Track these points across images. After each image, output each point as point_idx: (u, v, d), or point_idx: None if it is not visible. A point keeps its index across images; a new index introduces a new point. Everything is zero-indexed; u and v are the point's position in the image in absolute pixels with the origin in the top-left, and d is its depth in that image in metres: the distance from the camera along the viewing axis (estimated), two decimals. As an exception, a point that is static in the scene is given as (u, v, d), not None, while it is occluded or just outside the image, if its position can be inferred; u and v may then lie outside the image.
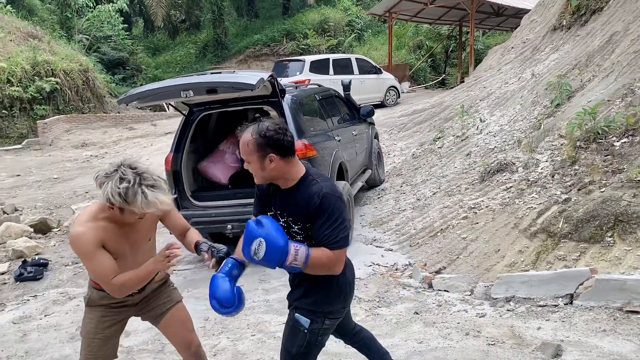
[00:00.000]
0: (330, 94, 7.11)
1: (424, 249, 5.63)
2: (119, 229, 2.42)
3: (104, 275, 2.37)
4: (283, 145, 2.11)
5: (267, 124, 2.12)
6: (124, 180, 2.23)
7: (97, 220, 2.37)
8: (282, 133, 2.11)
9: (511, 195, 5.66)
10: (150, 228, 2.62)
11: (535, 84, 8.01)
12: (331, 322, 2.35)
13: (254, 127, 2.13)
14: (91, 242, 2.32)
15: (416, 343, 3.52)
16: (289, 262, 2.09)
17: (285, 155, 2.13)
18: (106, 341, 2.61)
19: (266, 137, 2.08)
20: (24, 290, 5.49)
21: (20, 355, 4.06)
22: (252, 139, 2.10)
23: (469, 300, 4.17)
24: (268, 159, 2.10)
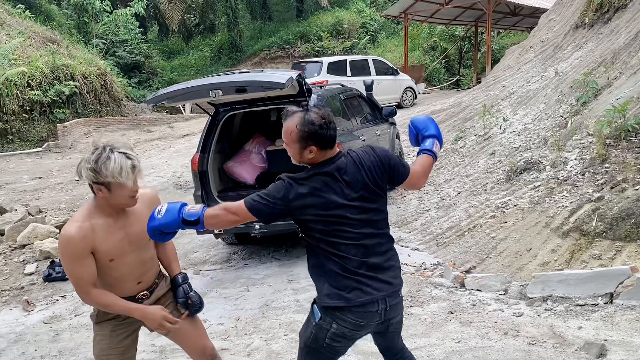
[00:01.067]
0: (353, 93, 7.09)
1: (452, 249, 5.58)
2: (115, 223, 2.34)
3: (79, 282, 2.29)
4: (325, 138, 2.11)
5: (313, 116, 2.10)
6: (94, 153, 2.21)
7: (92, 218, 2.30)
8: (326, 127, 2.10)
9: (540, 194, 5.59)
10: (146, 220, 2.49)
11: (559, 82, 7.92)
12: (340, 329, 2.14)
13: (300, 117, 2.11)
14: (78, 249, 2.25)
15: (454, 343, 3.48)
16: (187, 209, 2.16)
17: (324, 147, 2.12)
18: (122, 356, 2.51)
19: (311, 131, 2.08)
20: (52, 291, 5.53)
21: (54, 354, 4.08)
22: (296, 130, 2.09)
23: (504, 299, 4.11)
24: (308, 150, 2.11)
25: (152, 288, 2.56)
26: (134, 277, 2.47)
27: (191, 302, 2.50)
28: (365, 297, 2.10)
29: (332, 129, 2.13)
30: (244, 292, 4.96)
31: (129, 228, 2.39)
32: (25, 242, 6.58)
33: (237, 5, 28.41)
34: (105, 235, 2.30)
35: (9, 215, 7.30)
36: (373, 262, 2.15)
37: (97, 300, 2.32)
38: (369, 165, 2.18)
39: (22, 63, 15.85)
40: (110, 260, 2.35)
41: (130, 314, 2.37)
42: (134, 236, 2.41)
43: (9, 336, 4.41)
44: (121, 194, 2.26)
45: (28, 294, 5.44)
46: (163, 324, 2.37)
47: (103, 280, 2.41)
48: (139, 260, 2.46)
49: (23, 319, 4.86)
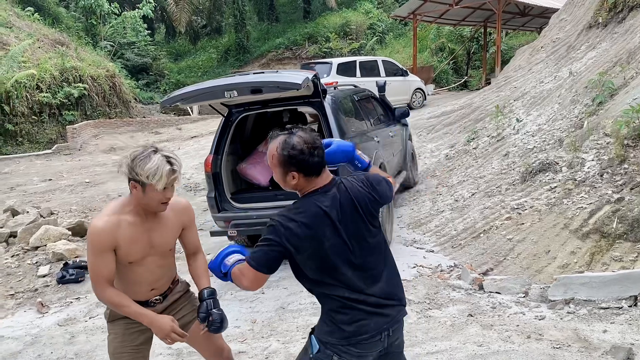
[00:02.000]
0: (366, 94, 7.05)
1: (467, 250, 5.52)
2: (142, 224, 2.35)
3: (97, 276, 2.30)
4: (307, 165, 1.97)
5: (296, 139, 1.96)
6: (139, 152, 2.24)
7: (122, 214, 2.32)
8: (308, 153, 1.95)
9: (557, 195, 5.52)
10: (173, 235, 2.52)
11: (574, 83, 7.84)
12: None
13: (282, 141, 1.97)
14: (102, 242, 2.27)
15: (476, 346, 3.42)
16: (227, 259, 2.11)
17: (308, 175, 1.99)
18: (135, 355, 2.51)
19: (291, 156, 1.95)
20: (66, 293, 5.51)
21: (70, 357, 4.06)
22: (277, 154, 1.98)
23: (524, 302, 4.05)
24: (290, 176, 1.99)
25: (166, 293, 2.57)
26: (149, 282, 2.47)
27: (212, 319, 2.43)
28: (370, 333, 2.02)
29: (317, 155, 1.98)
30: (259, 294, 4.92)
31: (154, 233, 2.40)
32: (37, 244, 6.58)
33: (244, 6, 28.44)
34: (129, 234, 2.31)
35: (21, 217, 7.30)
36: (374, 295, 2.04)
37: (110, 298, 2.31)
38: (362, 198, 2.06)
39: (31, 65, 15.91)
40: (130, 262, 2.36)
41: (140, 319, 2.35)
42: (157, 242, 2.41)
43: (24, 338, 4.40)
44: (152, 197, 2.26)
45: (42, 296, 5.43)
46: (170, 336, 2.35)
47: (122, 280, 2.42)
48: (157, 266, 2.46)
49: (37, 321, 4.84)
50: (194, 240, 2.63)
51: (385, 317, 2.05)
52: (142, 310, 2.34)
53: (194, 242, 2.63)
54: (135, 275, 2.41)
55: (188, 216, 2.55)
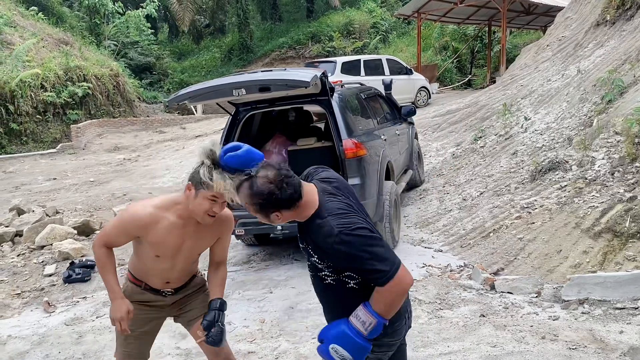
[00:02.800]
0: (373, 92, 7.00)
1: (477, 250, 5.47)
2: (182, 228, 2.37)
3: (106, 237, 2.42)
4: (283, 201, 1.88)
5: (260, 182, 1.88)
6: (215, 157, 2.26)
7: (166, 210, 2.35)
8: (278, 190, 1.87)
9: (568, 194, 5.46)
10: (206, 244, 2.55)
11: (582, 81, 7.77)
12: (376, 357, 2.05)
13: (247, 192, 1.91)
14: (133, 228, 2.35)
15: (489, 347, 3.37)
16: (366, 332, 1.91)
17: (289, 208, 1.91)
18: (140, 338, 2.60)
19: (263, 202, 1.89)
20: (73, 292, 5.48)
21: (78, 357, 4.02)
22: (250, 205, 1.93)
23: (537, 302, 4.00)
24: (274, 216, 1.93)
25: (180, 288, 2.63)
26: (166, 277, 2.53)
27: (213, 330, 2.47)
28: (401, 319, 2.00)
29: (288, 186, 1.88)
30: (267, 293, 4.88)
31: (190, 240, 2.43)
32: (43, 243, 6.55)
33: (247, 5, 28.41)
34: (165, 233, 2.35)
35: (27, 216, 7.28)
36: None
37: (100, 255, 2.43)
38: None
39: (35, 65, 15.92)
40: (156, 256, 2.42)
41: (108, 290, 2.45)
42: (189, 248, 2.46)
43: (31, 338, 4.36)
44: (201, 205, 2.26)
45: (48, 295, 5.40)
46: (119, 321, 2.42)
47: (140, 263, 2.53)
48: (179, 268, 2.51)
49: (44, 320, 4.81)
50: (223, 251, 2.65)
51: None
52: (114, 286, 2.43)
53: (222, 253, 2.65)
54: (156, 267, 2.47)
55: (227, 227, 2.57)
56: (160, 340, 4.13)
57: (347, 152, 5.14)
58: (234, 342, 4.01)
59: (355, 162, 5.18)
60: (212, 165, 2.20)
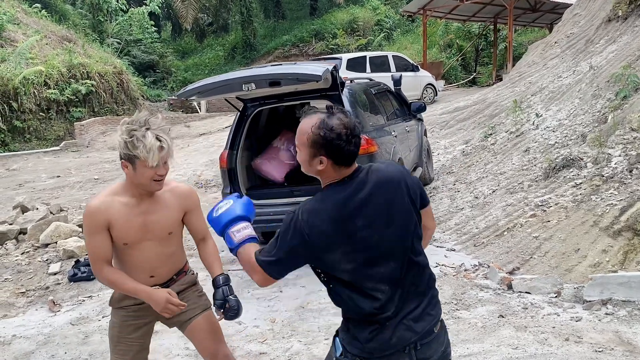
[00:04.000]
0: (383, 88, 6.88)
1: (491, 249, 5.35)
2: (137, 205, 2.33)
3: (92, 256, 2.33)
4: (342, 152, 1.74)
5: (335, 122, 1.74)
6: (132, 124, 2.23)
7: (117, 195, 2.33)
8: (346, 139, 1.73)
9: (584, 191, 5.34)
10: (171, 218, 2.44)
11: (594, 77, 7.64)
12: None
13: (320, 119, 1.75)
14: (95, 221, 2.29)
15: (511, 349, 3.26)
16: (232, 229, 1.91)
17: (338, 163, 1.77)
18: (131, 346, 2.49)
19: (325, 138, 1.73)
20: (78, 291, 5.37)
21: (84, 358, 3.92)
22: (310, 133, 1.75)
23: (557, 302, 3.88)
24: (318, 160, 1.77)
25: (168, 284, 2.50)
26: (147, 269, 2.43)
27: (228, 305, 2.39)
28: (391, 349, 1.77)
29: (354, 144, 1.77)
30: (277, 293, 4.78)
31: (150, 216, 2.36)
32: (48, 241, 6.44)
33: (251, 3, 28.29)
34: (123, 215, 2.31)
35: (31, 214, 7.18)
36: (403, 303, 1.79)
37: (107, 276, 2.33)
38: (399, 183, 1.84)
39: (38, 62, 15.84)
40: (124, 244, 2.35)
41: (137, 294, 2.35)
42: (154, 225, 2.37)
43: (37, 338, 4.26)
44: (143, 173, 2.23)
45: (53, 294, 5.29)
46: (167, 307, 2.33)
47: (120, 264, 2.44)
48: (155, 253, 2.41)
49: (50, 320, 4.71)
50: (199, 225, 2.56)
51: (413, 329, 1.79)
52: (139, 286, 2.34)
53: (200, 227, 2.56)
54: (131, 259, 2.39)
55: (191, 200, 2.51)
56: (168, 341, 4.04)
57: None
58: (245, 342, 3.91)
59: (366, 158, 5.06)
60: (130, 137, 2.18)
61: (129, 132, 2.20)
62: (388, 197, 1.80)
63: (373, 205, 1.78)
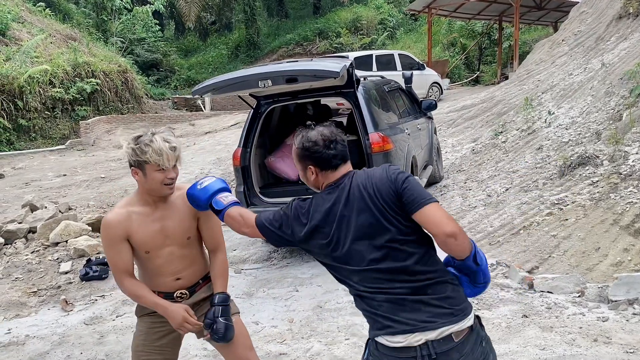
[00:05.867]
0: (395, 86, 6.82)
1: (507, 248, 5.28)
2: (153, 213, 2.33)
3: (114, 268, 2.34)
4: (322, 158, 1.90)
5: (313, 133, 1.92)
6: (139, 134, 2.27)
7: (131, 206, 2.34)
8: (323, 145, 1.89)
9: (602, 189, 5.28)
10: (187, 221, 2.41)
11: (607, 74, 7.57)
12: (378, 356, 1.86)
13: (300, 136, 1.96)
14: (114, 234, 2.29)
15: (538, 350, 3.20)
16: (220, 195, 2.21)
17: (323, 169, 1.92)
18: (155, 355, 2.44)
19: (306, 150, 1.92)
20: (90, 290, 5.32)
21: (101, 358, 3.87)
22: (295, 149, 1.97)
23: (582, 302, 3.82)
24: (310, 171, 1.94)
25: (194, 288, 2.47)
26: (171, 271, 2.41)
27: (215, 327, 2.32)
28: (393, 337, 1.79)
29: (333, 148, 1.90)
30: (293, 292, 4.72)
31: (166, 221, 2.36)
32: (58, 240, 6.39)
33: (254, 2, 28.22)
34: (140, 224, 2.32)
35: (40, 213, 7.13)
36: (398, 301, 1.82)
37: (129, 289, 2.34)
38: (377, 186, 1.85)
39: (43, 60, 15.79)
40: (146, 252, 2.35)
41: (156, 308, 2.35)
42: (171, 230, 2.36)
43: (51, 338, 4.21)
44: (154, 178, 2.23)
45: (65, 293, 5.24)
46: (183, 325, 2.32)
47: (142, 273, 2.46)
48: (177, 256, 2.40)
49: (63, 319, 4.66)
50: (211, 234, 2.50)
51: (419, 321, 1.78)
52: (158, 301, 2.34)
53: (211, 237, 2.50)
54: (155, 266, 2.39)
55: None
56: (186, 342, 3.95)
57: (374, 146, 4.96)
58: (263, 342, 3.85)
59: (382, 156, 5.01)
60: (137, 143, 2.21)
61: (135, 139, 2.23)
62: (358, 206, 1.85)
63: (346, 219, 1.86)
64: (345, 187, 1.89)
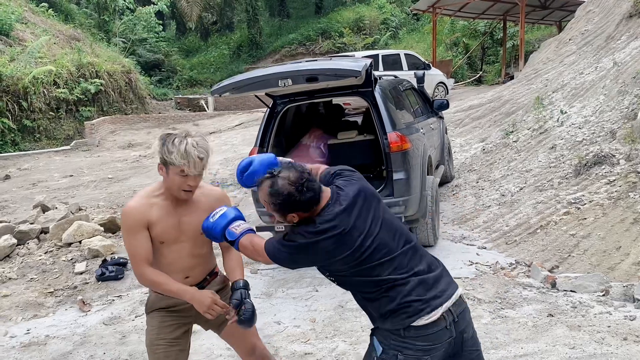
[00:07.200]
0: (408, 85, 6.80)
1: (525, 247, 5.28)
2: (173, 208, 2.35)
3: (134, 256, 2.33)
4: (301, 203, 1.91)
5: (280, 183, 1.91)
6: (172, 132, 2.26)
7: (153, 197, 2.35)
8: (297, 192, 1.90)
9: (619, 189, 5.27)
10: (204, 218, 2.42)
11: (619, 73, 7.56)
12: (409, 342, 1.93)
13: (267, 190, 1.94)
14: (136, 221, 2.30)
15: (567, 349, 3.19)
16: (232, 226, 2.19)
17: (307, 210, 1.94)
18: (170, 347, 2.44)
19: (282, 202, 1.91)
20: (107, 290, 5.30)
21: (124, 358, 3.85)
22: (268, 204, 1.96)
23: (607, 301, 3.81)
24: (291, 216, 1.95)
25: (202, 284, 2.51)
26: (182, 268, 2.43)
27: (244, 307, 2.35)
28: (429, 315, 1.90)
29: (308, 189, 1.91)
30: (313, 292, 4.70)
31: (185, 217, 2.38)
32: (70, 240, 6.37)
33: (256, 2, 28.21)
34: (160, 216, 2.33)
35: (52, 213, 7.12)
36: (419, 273, 1.97)
37: (150, 277, 2.33)
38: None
39: (47, 61, 15.76)
40: (161, 242, 2.36)
41: (182, 296, 2.34)
42: (188, 226, 2.39)
43: (72, 338, 4.19)
44: (174, 180, 2.25)
45: (82, 293, 5.22)
46: (212, 307, 2.31)
47: (155, 266, 2.42)
48: (190, 253, 2.43)
49: (81, 319, 4.64)
50: None
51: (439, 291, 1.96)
52: (183, 287, 2.34)
53: None
54: (167, 259, 2.40)
55: (223, 204, 2.47)
56: (209, 341, 3.97)
57: (392, 146, 4.94)
58: (287, 342, 3.84)
59: (400, 156, 4.99)
60: (168, 141, 2.20)
61: (167, 136, 2.23)
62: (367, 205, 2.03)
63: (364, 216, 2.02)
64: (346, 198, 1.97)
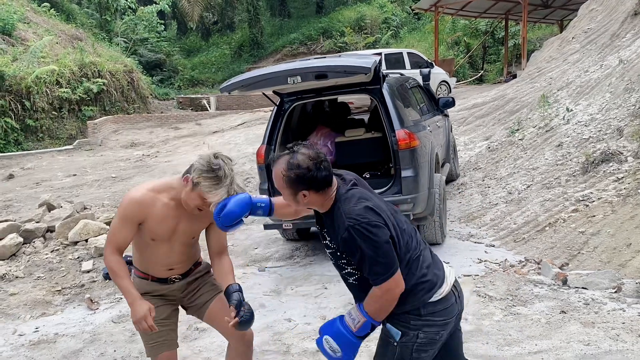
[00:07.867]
0: (414, 83, 6.79)
1: (533, 244, 5.27)
2: (175, 210, 2.39)
3: (111, 240, 2.40)
4: (317, 180, 1.94)
5: (300, 157, 1.94)
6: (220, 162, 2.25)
7: (160, 193, 2.39)
8: (315, 168, 1.93)
9: (628, 186, 5.25)
10: (200, 225, 2.53)
11: (625, 71, 7.54)
12: (428, 337, 2.04)
13: (286, 162, 1.96)
14: (133, 212, 2.34)
15: (582, 345, 3.17)
16: (355, 329, 2.07)
17: (319, 190, 1.96)
18: (162, 328, 2.53)
19: (298, 175, 1.93)
20: (114, 289, 5.27)
21: (135, 356, 3.85)
22: (283, 176, 1.96)
23: (620, 298, 3.79)
24: (301, 195, 1.97)
25: (187, 274, 2.63)
26: (167, 263, 2.52)
27: (244, 309, 2.38)
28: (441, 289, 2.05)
29: (325, 168, 1.95)
30: (322, 289, 4.69)
31: (183, 221, 2.43)
32: (77, 239, 6.35)
33: (258, 1, 28.20)
34: (159, 215, 2.37)
35: (57, 212, 7.10)
36: (424, 249, 2.14)
37: (112, 264, 2.39)
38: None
39: (50, 61, 15.75)
40: (152, 239, 2.42)
41: (125, 295, 2.41)
42: (183, 230, 2.45)
43: (82, 336, 4.18)
44: (194, 199, 2.29)
45: (90, 292, 5.22)
46: (145, 319, 2.36)
47: (139, 255, 2.55)
48: (178, 252, 2.51)
49: (90, 318, 4.63)
50: (218, 238, 2.58)
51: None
52: (130, 289, 2.39)
53: (218, 241, 2.58)
54: (155, 254, 2.47)
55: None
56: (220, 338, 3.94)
57: (401, 143, 4.93)
58: (299, 340, 3.83)
59: (409, 153, 4.98)
60: (214, 178, 2.21)
61: (212, 163, 2.23)
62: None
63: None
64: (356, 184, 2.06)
